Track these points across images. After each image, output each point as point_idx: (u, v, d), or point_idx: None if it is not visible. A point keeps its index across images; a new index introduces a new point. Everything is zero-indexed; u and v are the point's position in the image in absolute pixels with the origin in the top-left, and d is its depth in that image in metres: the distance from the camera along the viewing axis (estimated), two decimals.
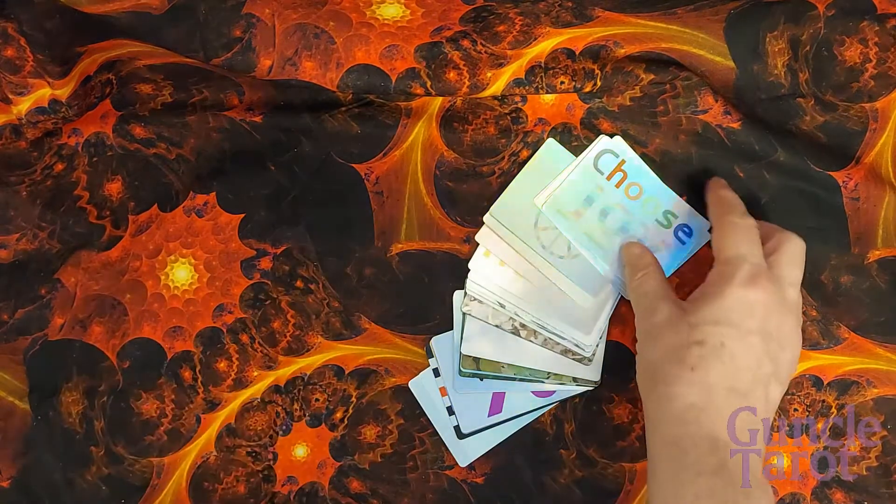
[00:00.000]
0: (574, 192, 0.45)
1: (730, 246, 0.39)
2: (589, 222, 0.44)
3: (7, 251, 0.48)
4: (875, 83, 0.44)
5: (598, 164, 0.45)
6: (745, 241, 0.39)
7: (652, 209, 0.45)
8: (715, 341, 0.37)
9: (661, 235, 0.44)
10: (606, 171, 0.45)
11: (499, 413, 0.46)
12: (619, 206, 0.44)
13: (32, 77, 0.45)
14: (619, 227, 0.44)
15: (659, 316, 0.39)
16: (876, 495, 0.45)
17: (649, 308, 0.40)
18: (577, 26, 0.45)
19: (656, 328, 0.39)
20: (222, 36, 0.45)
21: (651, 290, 0.41)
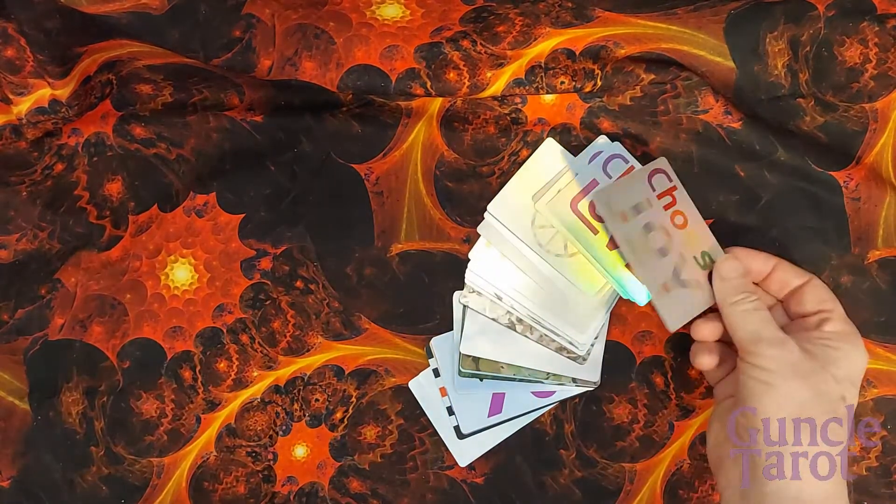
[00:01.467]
0: (626, 195, 0.43)
1: (838, 306, 0.41)
2: (633, 230, 0.42)
3: (7, 251, 0.48)
4: (875, 83, 0.44)
5: (651, 180, 0.43)
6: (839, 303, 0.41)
7: (693, 245, 0.42)
8: (851, 400, 0.38)
9: (696, 274, 0.42)
10: (658, 189, 0.43)
11: (499, 413, 0.46)
12: (662, 228, 0.42)
13: (32, 77, 0.45)
14: (658, 248, 0.42)
15: (794, 354, 0.38)
16: (876, 495, 0.45)
17: (778, 340, 0.38)
18: (578, 26, 0.45)
19: (795, 366, 0.37)
20: (222, 36, 0.45)
21: (771, 320, 0.39)
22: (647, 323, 0.46)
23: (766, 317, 0.39)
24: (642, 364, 0.46)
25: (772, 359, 0.37)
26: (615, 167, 0.45)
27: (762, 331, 0.38)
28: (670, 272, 0.42)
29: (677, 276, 0.42)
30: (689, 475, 0.46)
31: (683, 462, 0.46)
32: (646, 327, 0.46)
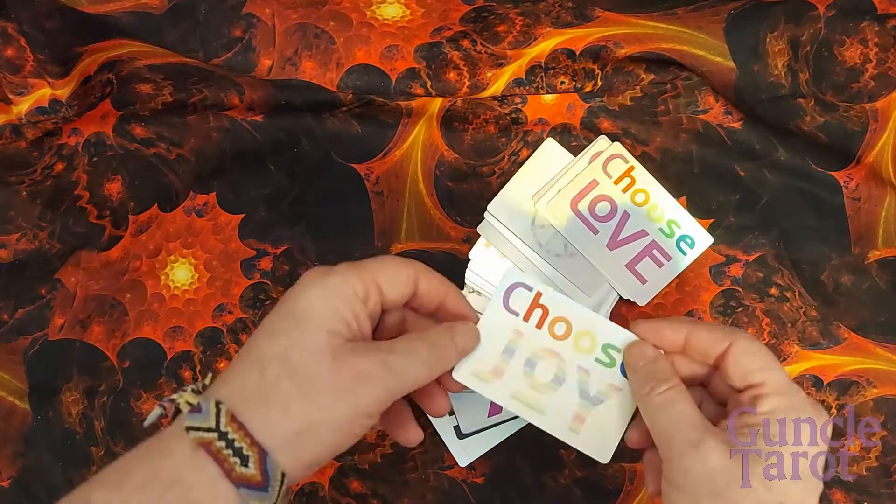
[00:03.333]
0: (490, 344, 0.35)
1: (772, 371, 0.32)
2: (515, 380, 0.35)
3: (7, 251, 0.48)
4: (875, 83, 0.44)
5: (509, 304, 0.36)
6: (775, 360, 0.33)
7: (588, 347, 0.36)
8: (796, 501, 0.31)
9: (606, 378, 0.36)
10: (522, 310, 0.36)
11: (499, 413, 0.46)
12: (545, 352, 0.36)
13: (33, 77, 0.45)
14: (551, 379, 0.36)
15: (712, 459, 0.30)
16: (876, 495, 0.45)
17: (692, 442, 0.31)
18: (578, 26, 0.45)
19: (711, 477, 0.30)
20: (222, 36, 0.45)
21: (688, 415, 0.31)
22: None
23: (682, 411, 0.32)
24: None
25: (683, 472, 0.30)
26: (615, 167, 0.45)
27: (673, 432, 0.31)
28: (576, 397, 0.35)
29: (586, 395, 0.35)
30: None
31: None
32: None
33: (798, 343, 0.46)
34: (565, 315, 0.36)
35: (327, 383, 0.29)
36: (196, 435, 0.28)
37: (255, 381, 0.29)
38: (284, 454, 0.28)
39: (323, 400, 0.29)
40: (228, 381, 0.30)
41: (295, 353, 0.30)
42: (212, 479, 0.28)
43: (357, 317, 0.32)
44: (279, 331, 0.31)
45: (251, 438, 0.28)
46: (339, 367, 0.29)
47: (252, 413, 0.29)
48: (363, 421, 0.30)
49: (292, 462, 0.29)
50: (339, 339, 0.30)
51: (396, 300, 0.34)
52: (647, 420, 0.33)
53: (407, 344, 0.32)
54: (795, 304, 0.46)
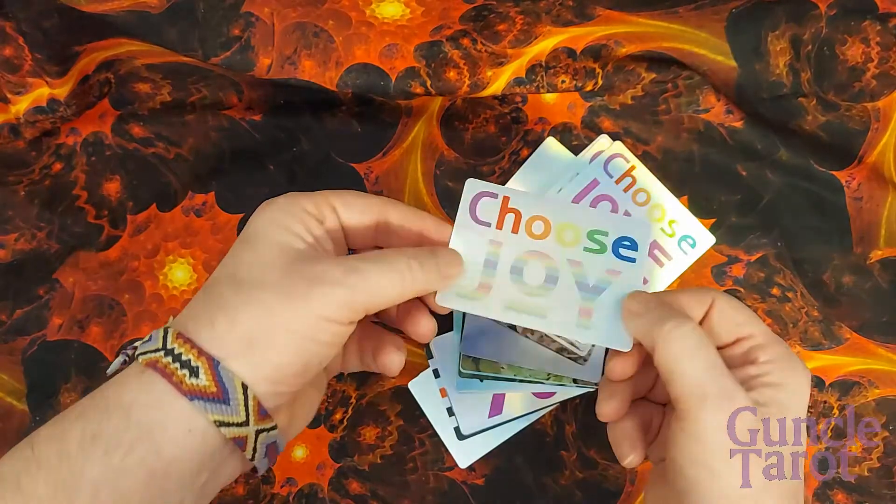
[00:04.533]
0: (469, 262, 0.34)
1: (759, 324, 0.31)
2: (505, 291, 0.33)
3: (5, 251, 0.48)
4: (877, 83, 0.44)
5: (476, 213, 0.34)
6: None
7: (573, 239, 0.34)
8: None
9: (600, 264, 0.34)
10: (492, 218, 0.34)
11: (499, 414, 0.46)
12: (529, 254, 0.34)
13: (31, 76, 0.45)
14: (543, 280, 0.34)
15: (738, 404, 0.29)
16: (877, 496, 0.45)
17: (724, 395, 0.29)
18: (578, 25, 0.45)
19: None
20: (221, 35, 0.44)
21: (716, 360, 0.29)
22: None
23: (711, 357, 0.29)
24: None
25: (704, 417, 0.28)
26: (616, 167, 0.45)
27: (707, 382, 0.28)
28: (576, 292, 0.33)
29: (586, 287, 0.33)
30: None
31: None
32: None
33: (800, 343, 0.45)
34: (539, 213, 0.34)
35: (277, 287, 0.28)
36: (143, 358, 0.27)
37: (201, 302, 0.29)
38: (239, 363, 0.27)
39: (273, 304, 0.27)
40: (182, 312, 0.29)
41: (243, 268, 0.29)
42: (161, 396, 0.26)
43: (311, 232, 0.30)
44: (229, 256, 0.30)
45: (198, 349, 0.27)
46: (290, 272, 0.28)
47: (199, 328, 0.27)
48: (324, 325, 0.28)
49: (251, 371, 0.27)
50: (291, 251, 0.29)
51: (356, 226, 0.32)
52: (667, 362, 0.29)
53: (380, 255, 0.30)
54: (797, 305, 0.46)
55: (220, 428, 0.27)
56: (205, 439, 0.27)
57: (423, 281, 0.30)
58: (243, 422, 0.27)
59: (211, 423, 0.27)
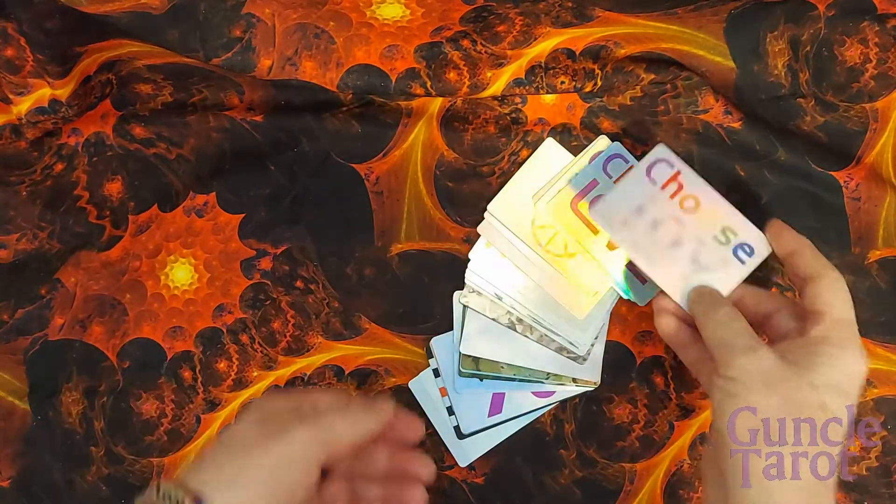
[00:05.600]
0: (624, 201, 0.40)
1: (841, 307, 0.37)
2: (638, 233, 0.40)
3: (7, 251, 0.48)
4: (875, 83, 0.44)
5: (651, 174, 0.41)
6: (850, 303, 0.37)
7: (711, 224, 0.40)
8: (836, 409, 0.35)
9: (718, 253, 0.39)
10: (661, 180, 0.40)
11: (499, 413, 0.46)
12: (671, 219, 0.40)
13: (32, 77, 0.45)
14: (670, 241, 0.40)
15: (766, 362, 0.35)
16: (876, 495, 0.45)
17: (749, 348, 0.36)
18: (578, 26, 0.45)
19: (765, 374, 0.35)
20: (222, 36, 0.45)
21: (745, 330, 0.37)
22: (647, 323, 0.46)
23: (740, 328, 0.37)
24: (642, 364, 0.46)
25: (739, 368, 0.35)
26: (615, 167, 0.45)
27: (732, 340, 0.36)
28: (688, 262, 0.39)
29: (697, 262, 0.39)
30: (689, 475, 0.46)
31: (683, 462, 0.46)
32: (646, 327, 0.46)
33: None
34: (697, 194, 0.40)
35: (256, 444, 0.34)
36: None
37: (203, 457, 0.35)
38: (221, 498, 0.32)
39: (251, 453, 0.34)
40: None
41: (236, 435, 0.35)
42: None
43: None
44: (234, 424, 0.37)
45: (186, 489, 0.32)
46: (267, 432, 0.35)
47: (194, 476, 0.33)
48: (291, 468, 0.34)
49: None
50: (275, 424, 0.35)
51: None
52: (709, 333, 0.37)
53: (337, 408, 0.37)
54: None
55: None
56: None
57: (367, 422, 0.37)
58: None
59: None
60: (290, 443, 0.34)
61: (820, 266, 0.38)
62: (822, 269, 0.38)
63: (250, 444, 0.34)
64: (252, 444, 0.34)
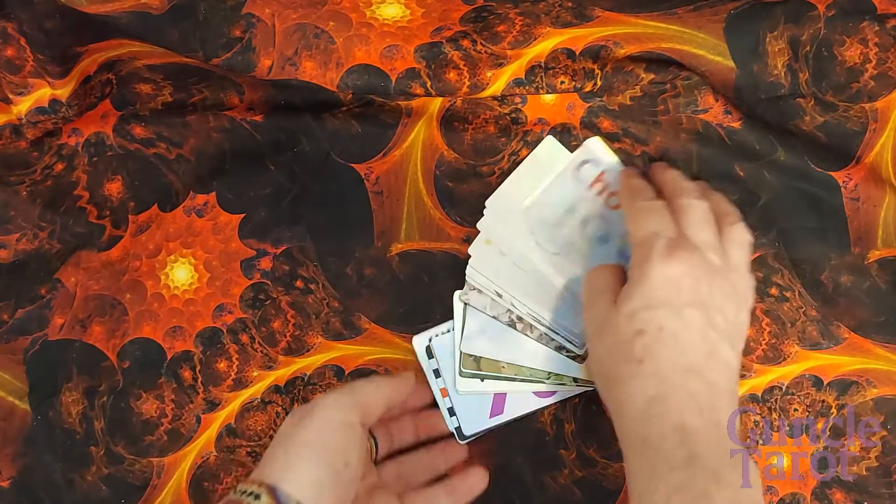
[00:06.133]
0: (555, 201, 0.44)
1: (641, 227, 0.38)
2: (568, 232, 0.44)
3: (7, 251, 0.48)
4: (875, 83, 0.44)
5: (579, 172, 0.44)
6: (655, 219, 0.38)
7: None
8: (653, 327, 0.35)
9: None
10: (588, 180, 0.44)
11: (500, 415, 0.46)
12: (599, 216, 0.43)
13: (32, 77, 0.45)
14: (600, 237, 0.43)
15: (596, 311, 0.38)
16: (876, 495, 0.45)
17: (588, 304, 0.39)
18: (577, 26, 0.45)
19: (596, 325, 0.38)
20: (222, 36, 0.45)
21: (593, 287, 0.39)
22: None
23: (596, 283, 0.39)
24: None
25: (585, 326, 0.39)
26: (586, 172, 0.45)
27: (584, 299, 0.39)
28: (615, 255, 0.43)
29: (624, 255, 0.42)
30: None
31: None
32: None
33: (798, 343, 0.46)
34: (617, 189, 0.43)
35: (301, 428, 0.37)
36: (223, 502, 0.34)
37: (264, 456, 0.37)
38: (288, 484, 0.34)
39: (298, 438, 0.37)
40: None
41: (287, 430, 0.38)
42: None
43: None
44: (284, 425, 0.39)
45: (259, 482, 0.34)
46: None
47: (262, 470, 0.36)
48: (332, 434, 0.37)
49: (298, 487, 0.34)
50: None
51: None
52: (632, 224, 0.38)
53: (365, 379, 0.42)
54: (795, 304, 0.46)
55: None
56: None
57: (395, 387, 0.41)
58: None
59: None
60: (323, 408, 0.37)
61: (628, 201, 0.40)
62: (628, 204, 0.40)
63: (288, 431, 0.37)
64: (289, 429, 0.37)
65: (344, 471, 0.36)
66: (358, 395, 0.38)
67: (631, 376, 0.35)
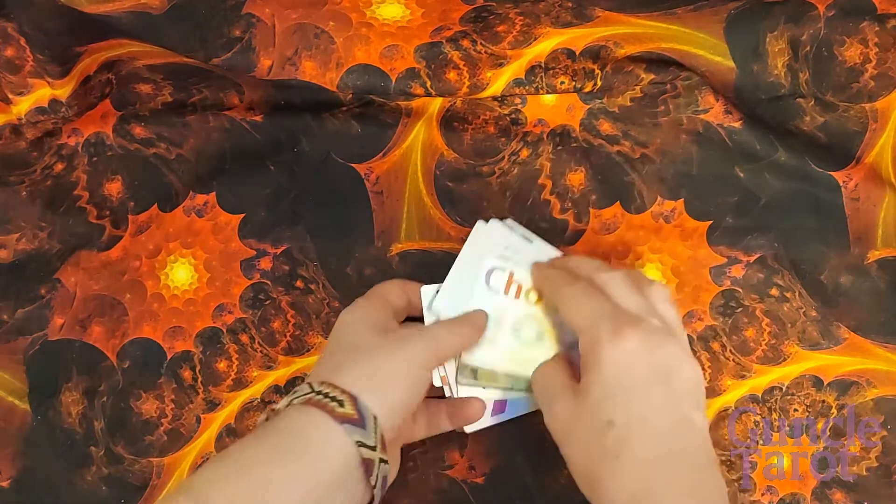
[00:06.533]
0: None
1: (577, 312, 0.36)
2: (506, 343, 0.41)
3: (7, 251, 0.48)
4: (875, 83, 0.44)
5: (490, 283, 0.41)
6: (589, 301, 0.36)
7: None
8: (621, 415, 0.33)
9: None
10: (501, 287, 0.41)
11: (502, 412, 0.46)
12: (526, 317, 0.41)
13: (32, 77, 0.45)
14: (534, 337, 0.41)
15: (557, 411, 0.36)
16: (876, 495, 0.45)
17: (547, 405, 0.37)
18: (578, 26, 0.45)
19: (561, 427, 0.36)
20: (222, 36, 0.45)
21: (546, 386, 0.38)
22: None
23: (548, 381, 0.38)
24: None
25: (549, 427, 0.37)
26: (496, 278, 0.42)
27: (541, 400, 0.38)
28: (555, 346, 0.41)
29: (563, 342, 0.40)
30: None
31: None
32: None
33: (798, 343, 0.46)
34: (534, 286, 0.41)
35: (382, 348, 0.37)
36: (299, 399, 0.35)
37: (336, 361, 0.38)
38: (370, 397, 0.35)
39: (383, 358, 0.37)
40: (318, 368, 0.38)
41: (357, 338, 0.38)
42: (319, 422, 0.34)
43: (395, 318, 0.41)
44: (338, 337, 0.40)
45: (341, 388, 0.35)
46: (387, 338, 0.38)
47: (339, 377, 0.36)
48: (417, 371, 0.37)
49: (379, 404, 0.35)
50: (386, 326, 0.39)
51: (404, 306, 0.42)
52: (568, 312, 0.37)
53: (441, 322, 0.41)
54: (795, 305, 0.46)
55: (360, 448, 0.34)
56: (347, 458, 0.34)
57: (469, 335, 0.40)
58: (374, 446, 0.34)
59: (353, 443, 0.33)
60: (412, 351, 0.37)
61: (552, 292, 0.39)
62: (554, 295, 0.39)
63: (381, 351, 0.37)
64: (383, 351, 0.37)
65: (411, 408, 0.38)
66: (440, 343, 0.38)
67: (610, 474, 0.33)
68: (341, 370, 0.36)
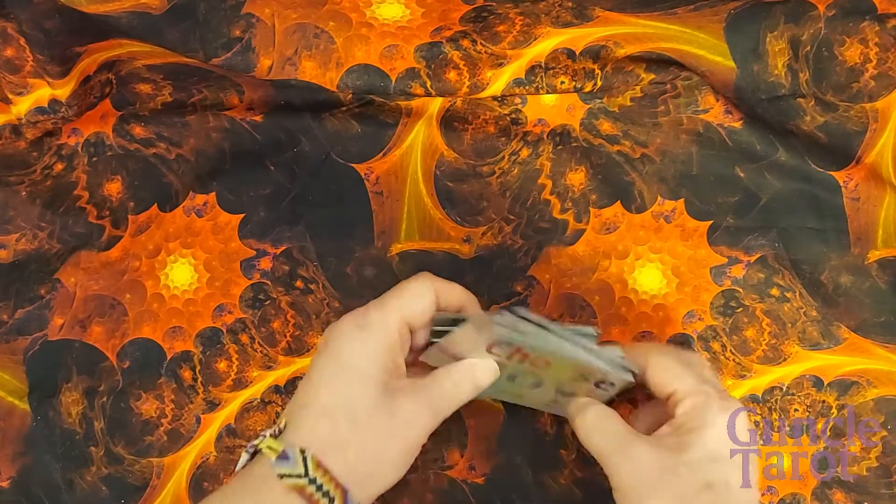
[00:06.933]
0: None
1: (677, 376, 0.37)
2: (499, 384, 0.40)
3: (7, 251, 0.48)
4: (875, 83, 0.44)
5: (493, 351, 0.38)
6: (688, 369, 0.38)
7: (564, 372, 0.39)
8: (720, 481, 0.35)
9: (583, 387, 0.40)
10: (504, 355, 0.38)
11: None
12: (527, 372, 0.39)
13: (32, 77, 0.45)
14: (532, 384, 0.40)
15: (644, 457, 0.35)
16: (876, 496, 0.45)
17: (622, 447, 0.36)
18: (578, 26, 0.45)
19: (645, 476, 0.35)
20: (222, 36, 0.45)
21: (614, 427, 0.37)
22: (647, 323, 0.46)
23: (612, 426, 0.37)
24: None
25: (620, 474, 0.36)
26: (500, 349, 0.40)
27: (606, 444, 0.37)
28: (552, 392, 0.41)
29: (562, 390, 0.40)
30: None
31: None
32: (646, 328, 0.46)
33: (798, 343, 0.46)
34: (545, 357, 0.38)
35: (385, 430, 0.36)
36: (290, 482, 0.33)
37: (329, 432, 0.35)
38: (360, 491, 0.34)
39: (385, 445, 0.36)
40: (303, 430, 0.35)
41: (358, 407, 0.36)
42: None
43: (395, 360, 0.37)
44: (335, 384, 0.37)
45: (335, 482, 0.34)
46: (392, 414, 0.36)
47: (333, 460, 0.34)
48: (415, 453, 0.37)
49: (366, 497, 0.35)
50: (386, 386, 0.36)
51: (422, 326, 0.39)
52: (664, 373, 0.37)
53: (438, 384, 0.38)
54: (796, 305, 0.46)
55: None
56: None
57: (467, 395, 0.38)
58: None
59: None
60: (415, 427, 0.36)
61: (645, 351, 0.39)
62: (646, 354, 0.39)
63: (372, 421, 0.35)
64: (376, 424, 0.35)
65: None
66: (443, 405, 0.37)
67: None
68: (344, 454, 0.35)
